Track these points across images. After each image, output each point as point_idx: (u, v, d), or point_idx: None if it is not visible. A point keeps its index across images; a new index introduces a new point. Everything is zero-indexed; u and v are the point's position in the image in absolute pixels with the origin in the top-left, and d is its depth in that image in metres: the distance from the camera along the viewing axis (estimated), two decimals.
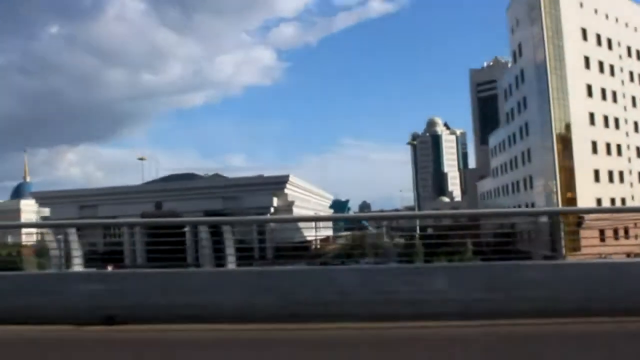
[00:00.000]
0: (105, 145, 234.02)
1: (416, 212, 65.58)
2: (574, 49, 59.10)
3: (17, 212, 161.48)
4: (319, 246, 51.10)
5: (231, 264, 7.86)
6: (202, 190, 60.76)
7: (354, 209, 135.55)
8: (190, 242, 11.03)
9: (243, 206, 57.01)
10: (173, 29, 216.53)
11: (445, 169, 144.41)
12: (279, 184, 59.31)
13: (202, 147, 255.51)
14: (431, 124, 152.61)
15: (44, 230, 11.16)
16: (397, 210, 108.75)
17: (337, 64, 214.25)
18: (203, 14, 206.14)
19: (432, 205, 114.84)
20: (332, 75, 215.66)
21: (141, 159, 78.48)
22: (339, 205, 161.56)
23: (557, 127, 58.45)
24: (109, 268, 10.95)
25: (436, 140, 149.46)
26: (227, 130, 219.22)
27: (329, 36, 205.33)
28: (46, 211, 69.25)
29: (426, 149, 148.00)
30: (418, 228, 14.76)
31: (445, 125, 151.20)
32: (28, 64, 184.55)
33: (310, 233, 34.24)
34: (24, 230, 19.07)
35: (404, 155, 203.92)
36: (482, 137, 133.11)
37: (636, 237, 21.41)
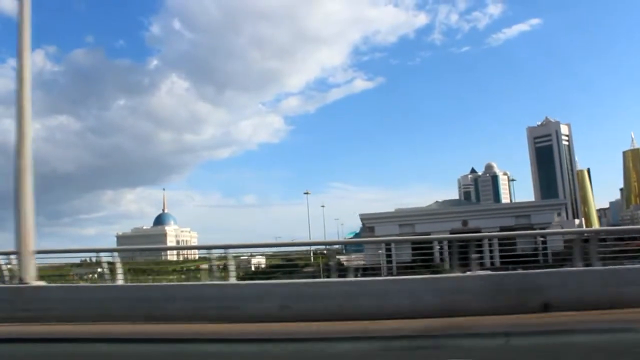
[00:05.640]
0: (156, 187, 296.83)
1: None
2: None
3: (163, 236, 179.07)
4: None
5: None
6: (500, 211, 78.97)
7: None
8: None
9: (531, 222, 71.32)
10: (209, 101, 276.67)
11: (503, 200, 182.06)
12: (558, 205, 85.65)
13: (224, 189, 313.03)
14: (489, 167, 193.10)
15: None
16: None
17: (328, 128, 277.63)
18: (232, 90, 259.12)
19: None
20: (324, 135, 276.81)
21: (306, 193, 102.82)
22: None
23: None
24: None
25: (495, 178, 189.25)
26: (244, 176, 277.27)
27: (323, 106, 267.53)
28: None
29: (487, 185, 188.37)
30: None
31: (470, 170, 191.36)
32: (100, 127, 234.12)
33: None
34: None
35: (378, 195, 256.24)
36: (540, 174, 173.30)
37: None
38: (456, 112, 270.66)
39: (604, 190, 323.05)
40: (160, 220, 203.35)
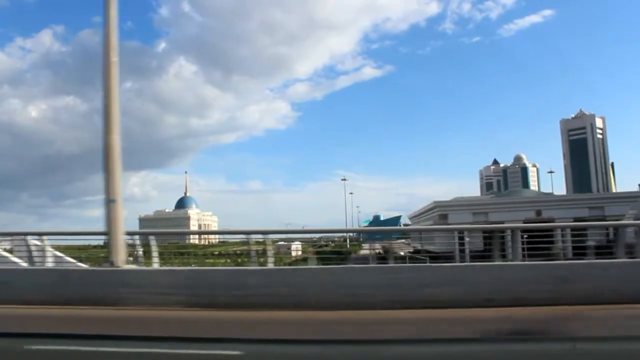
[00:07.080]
0: (160, 171, 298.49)
1: None
2: None
3: (186, 219, 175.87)
4: None
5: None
6: (573, 202, 76.91)
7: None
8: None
9: (604, 214, 65.80)
10: (216, 86, 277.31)
11: None
12: (634, 197, 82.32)
13: (228, 174, 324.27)
14: (518, 158, 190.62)
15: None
16: None
17: (335, 115, 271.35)
18: (239, 75, 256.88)
19: None
20: (330, 122, 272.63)
21: (343, 179, 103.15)
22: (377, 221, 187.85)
23: None
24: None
25: (525, 170, 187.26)
26: (249, 162, 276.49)
27: (331, 93, 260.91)
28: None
29: (516, 176, 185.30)
30: None
31: (492, 161, 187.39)
32: None
33: None
34: None
35: (383, 184, 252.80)
36: (573, 167, 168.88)
37: None
38: (465, 104, 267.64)
39: (621, 186, 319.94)
40: (182, 203, 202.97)
